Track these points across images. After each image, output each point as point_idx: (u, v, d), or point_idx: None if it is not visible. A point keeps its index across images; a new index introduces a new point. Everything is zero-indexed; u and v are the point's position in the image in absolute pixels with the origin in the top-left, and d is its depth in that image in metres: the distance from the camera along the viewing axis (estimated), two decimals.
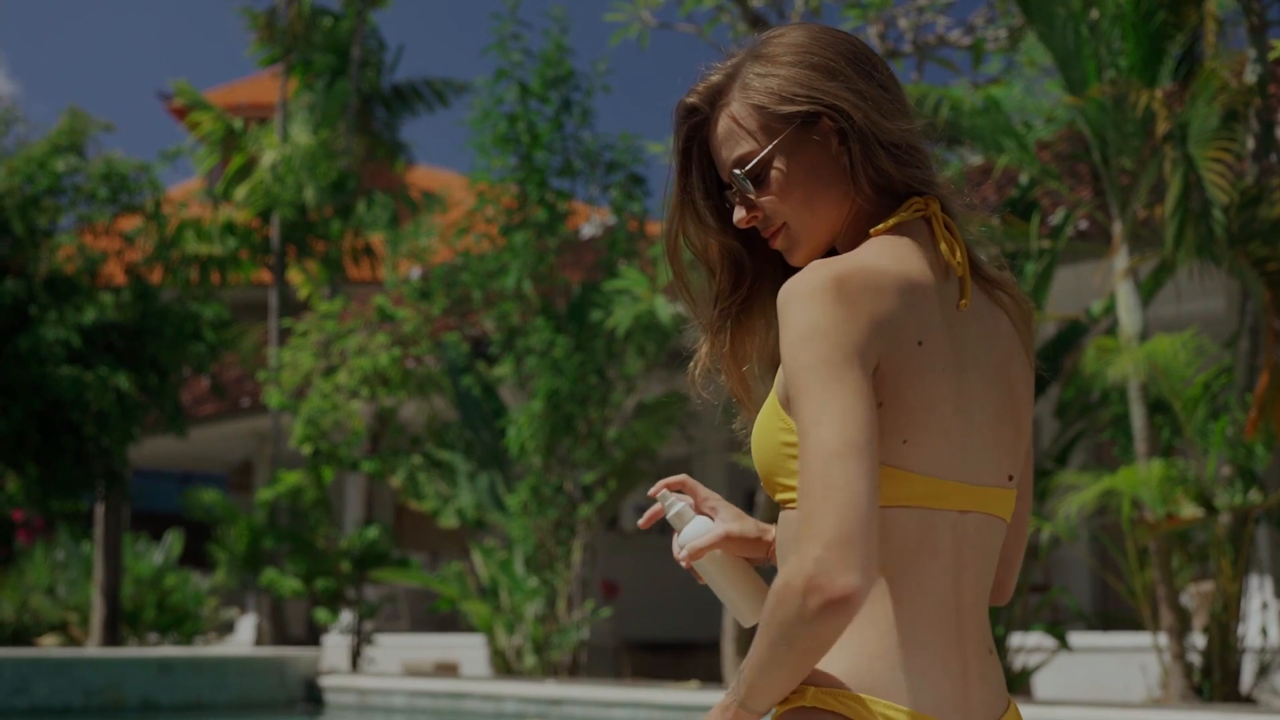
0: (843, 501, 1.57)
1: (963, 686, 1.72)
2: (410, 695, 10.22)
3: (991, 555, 1.79)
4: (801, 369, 1.64)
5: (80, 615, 15.09)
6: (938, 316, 1.73)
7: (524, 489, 11.91)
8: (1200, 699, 7.95)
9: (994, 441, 1.77)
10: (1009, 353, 1.81)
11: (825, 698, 1.67)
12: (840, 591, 1.54)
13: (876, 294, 1.68)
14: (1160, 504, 7.85)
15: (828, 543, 1.56)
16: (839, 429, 1.61)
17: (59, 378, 12.73)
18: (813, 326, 1.64)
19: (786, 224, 1.83)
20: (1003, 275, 1.85)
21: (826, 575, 1.55)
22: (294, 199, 15.03)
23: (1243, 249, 7.59)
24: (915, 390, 1.69)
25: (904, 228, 1.78)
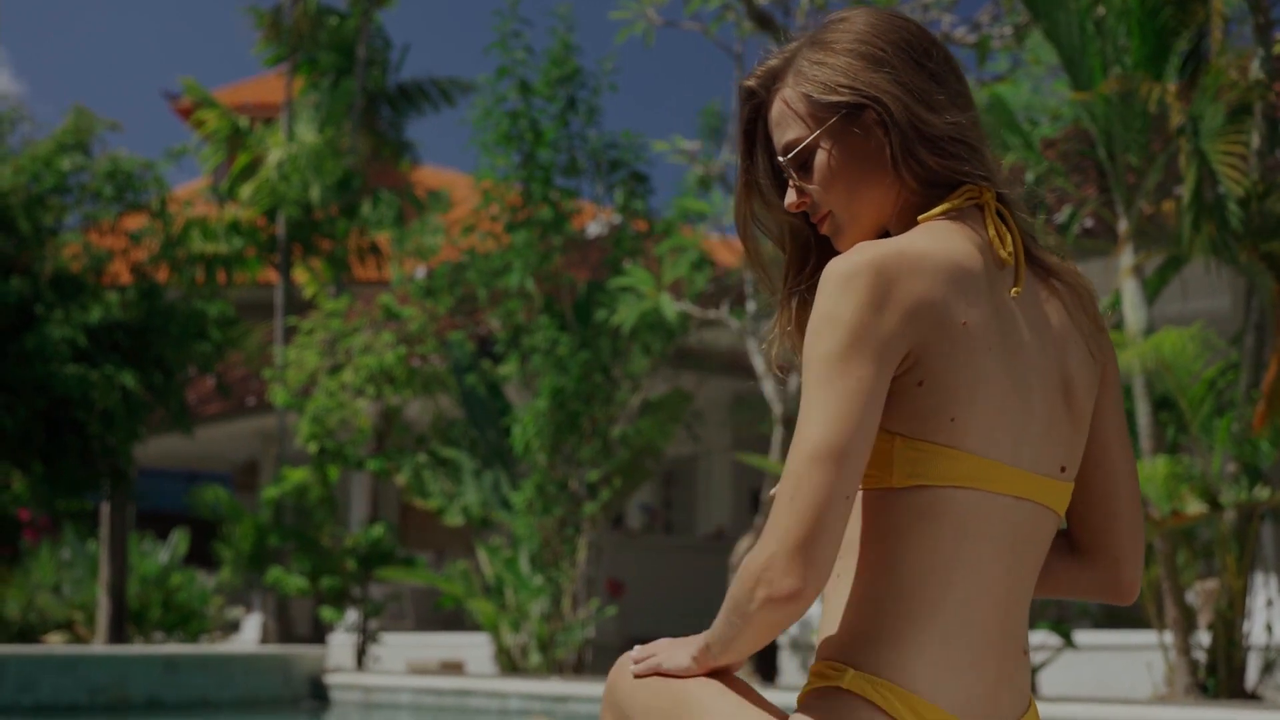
0: (806, 507, 1.62)
1: (994, 690, 1.72)
2: (415, 693, 10.23)
3: (1042, 549, 1.78)
4: (810, 358, 1.67)
5: (86, 614, 15.10)
6: (985, 300, 1.73)
7: (529, 487, 11.91)
8: (1205, 696, 7.94)
9: (1046, 431, 1.77)
10: (1065, 342, 1.81)
11: (863, 684, 1.67)
12: (781, 592, 1.62)
13: (915, 276, 1.68)
14: (1165, 501, 7.84)
15: (783, 543, 1.62)
16: (825, 431, 1.63)
17: (64, 376, 12.73)
18: (831, 315, 1.66)
19: (831, 211, 1.85)
20: (1062, 264, 1.85)
21: (773, 574, 1.63)
22: (299, 197, 15.04)
23: (1252, 243, 7.58)
24: (960, 370, 1.69)
25: (955, 214, 1.79)
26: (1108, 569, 1.91)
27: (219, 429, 19.25)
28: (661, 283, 11.00)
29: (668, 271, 11.05)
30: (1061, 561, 1.90)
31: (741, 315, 11.38)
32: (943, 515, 1.69)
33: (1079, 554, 1.92)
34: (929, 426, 1.69)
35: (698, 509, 17.47)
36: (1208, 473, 8.02)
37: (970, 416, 1.69)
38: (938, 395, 1.69)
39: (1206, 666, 8.08)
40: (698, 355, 13.14)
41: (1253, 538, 8.10)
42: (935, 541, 1.69)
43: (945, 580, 1.69)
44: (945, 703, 1.68)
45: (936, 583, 1.69)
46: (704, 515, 17.29)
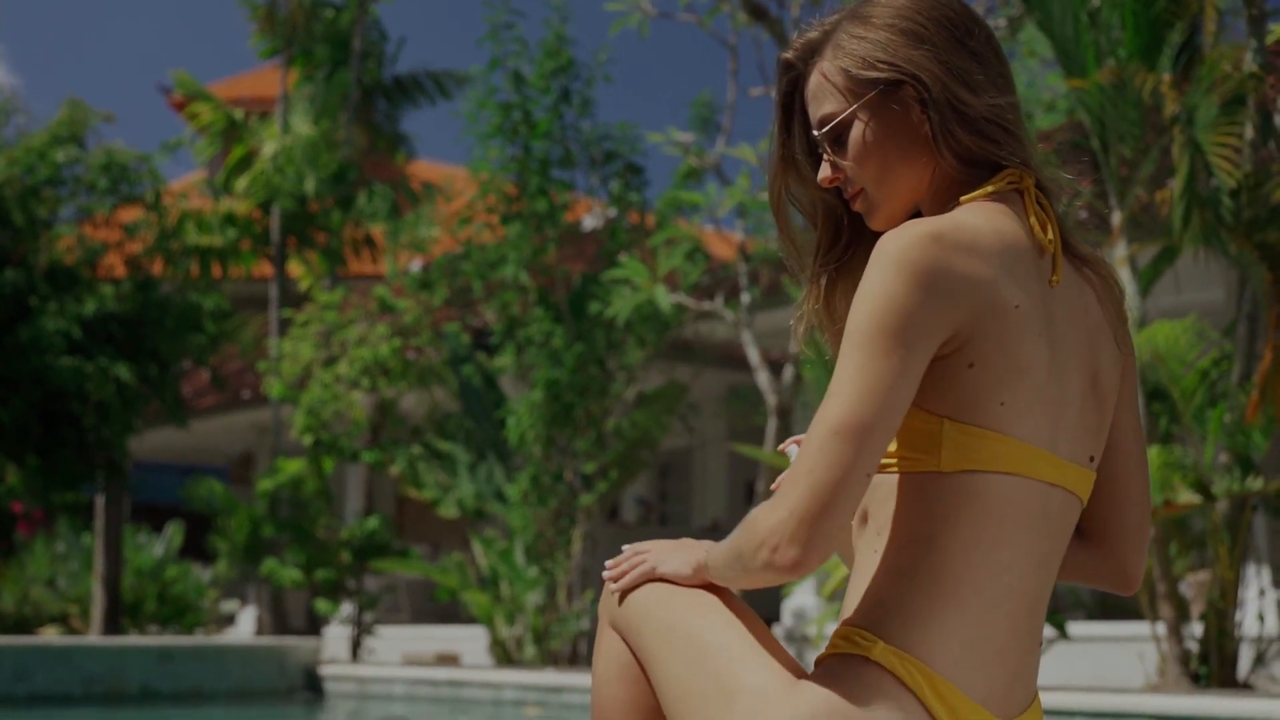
0: (821, 480, 1.61)
1: (1011, 682, 1.72)
2: (410, 684, 10.23)
3: (1069, 537, 1.79)
4: (851, 329, 1.66)
5: (81, 607, 15.10)
6: (1035, 284, 1.72)
7: (524, 479, 11.92)
8: (1197, 686, 7.95)
9: (1079, 419, 1.77)
10: (1097, 333, 1.81)
11: (892, 658, 1.67)
12: (782, 560, 1.63)
13: (970, 255, 1.67)
14: (1158, 491, 7.85)
15: (792, 512, 1.62)
16: (852, 406, 1.62)
17: (59, 369, 12.73)
18: (878, 291, 1.65)
19: (865, 188, 1.84)
20: (1095, 255, 1.84)
21: (777, 540, 1.63)
22: (294, 190, 15.03)
23: (1245, 233, 7.59)
24: (1009, 353, 1.68)
25: (998, 197, 1.78)
26: (1113, 559, 1.91)
27: (214, 422, 19.24)
28: (656, 275, 11.00)
29: (662, 263, 11.05)
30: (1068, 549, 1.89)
31: (736, 307, 11.39)
32: (988, 501, 1.68)
33: (1085, 542, 1.92)
34: (979, 410, 1.68)
35: (693, 501, 17.48)
36: (1200, 463, 8.03)
37: (1016, 402, 1.69)
38: (988, 378, 1.68)
39: (1199, 656, 8.10)
40: (693, 347, 13.14)
41: (1245, 528, 8.11)
42: (979, 527, 1.68)
43: (985, 566, 1.68)
44: (969, 690, 1.67)
45: (977, 568, 1.68)
46: (699, 507, 17.30)
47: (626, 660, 1.91)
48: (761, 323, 12.00)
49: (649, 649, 1.85)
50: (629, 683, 1.91)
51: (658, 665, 1.83)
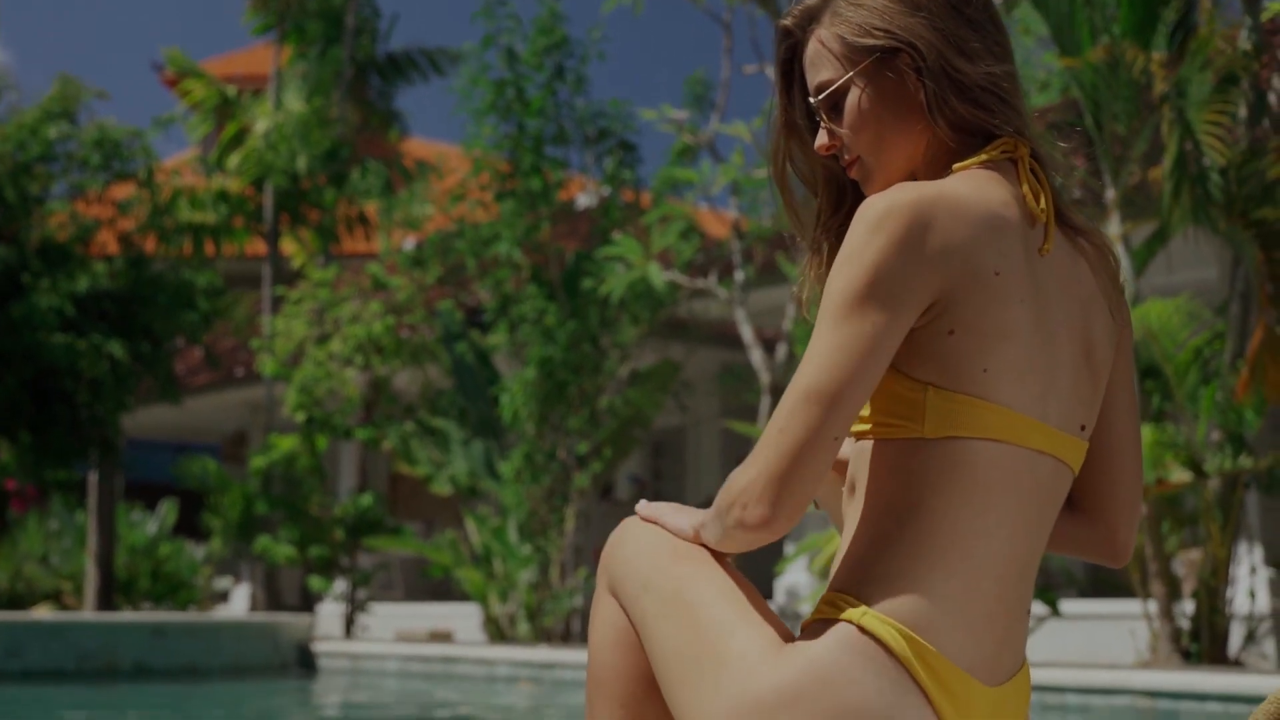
0: (790, 441, 1.64)
1: (999, 648, 1.72)
2: (402, 660, 10.25)
3: (1058, 507, 1.78)
4: (828, 292, 1.67)
5: (74, 584, 15.10)
6: (1019, 252, 1.72)
7: (517, 456, 11.93)
8: (1188, 662, 7.98)
9: (1071, 388, 1.76)
10: (1090, 302, 1.80)
11: (876, 623, 1.67)
12: (751, 518, 1.67)
13: (952, 221, 1.67)
14: (1150, 469, 7.87)
15: (760, 471, 1.66)
16: (826, 370, 1.63)
17: (52, 346, 12.71)
18: (856, 254, 1.66)
19: (860, 156, 1.84)
20: (1090, 225, 1.84)
21: (746, 498, 1.67)
22: (287, 167, 15.00)
23: (1237, 211, 7.59)
24: (991, 320, 1.68)
25: (990, 165, 1.77)
26: (1104, 530, 1.91)
27: (207, 400, 19.22)
28: (650, 252, 10.99)
29: (656, 241, 11.05)
30: (1059, 519, 1.89)
31: (730, 285, 11.38)
32: (973, 467, 1.69)
33: (1076, 513, 1.92)
34: (962, 377, 1.68)
35: (686, 479, 17.50)
36: (1192, 441, 8.05)
37: (1001, 368, 1.69)
38: (970, 344, 1.68)
39: (1190, 634, 8.13)
40: (686, 325, 13.14)
41: (1236, 506, 8.13)
42: (965, 494, 1.68)
43: (971, 532, 1.68)
44: (955, 656, 1.68)
45: (963, 534, 1.68)
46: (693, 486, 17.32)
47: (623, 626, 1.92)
48: (755, 301, 12.00)
49: (644, 616, 1.86)
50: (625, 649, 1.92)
51: (651, 629, 1.84)
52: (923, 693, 1.67)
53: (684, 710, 1.77)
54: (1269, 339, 7.41)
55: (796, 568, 11.71)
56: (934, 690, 1.67)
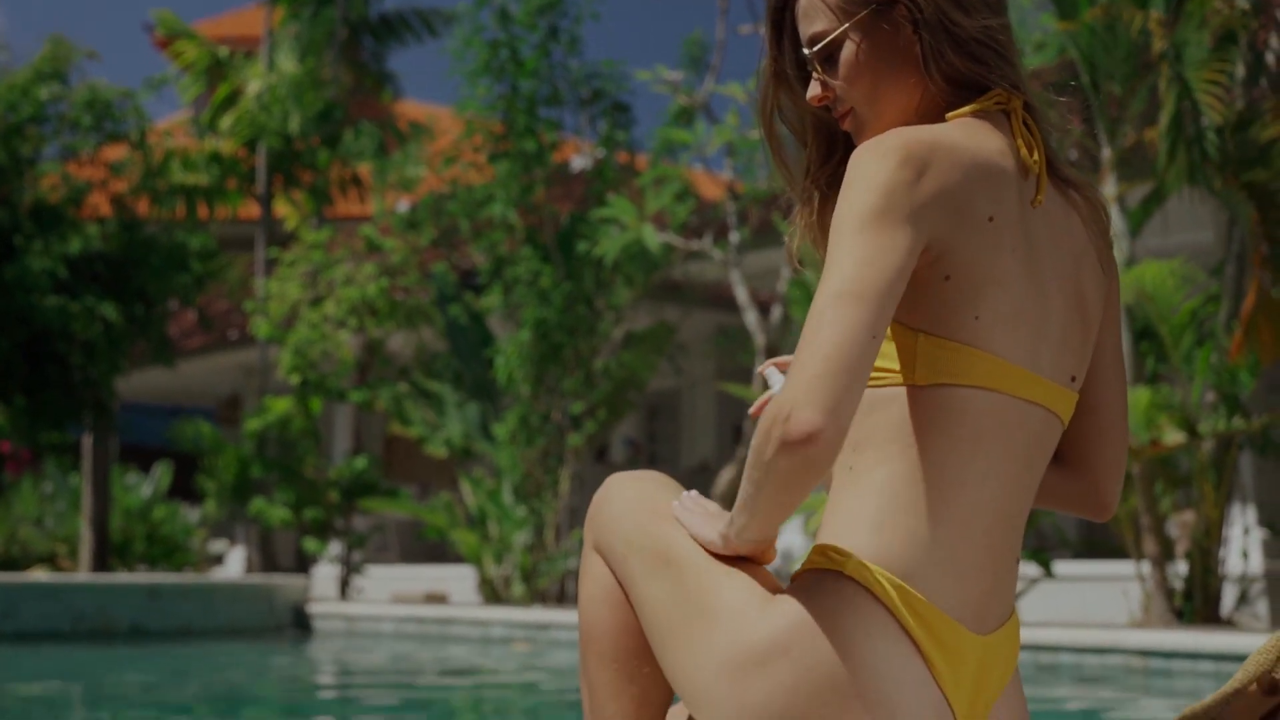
0: (828, 342, 1.56)
1: (988, 597, 1.72)
2: (398, 622, 10.27)
3: (1048, 458, 1.78)
4: (841, 216, 1.64)
5: (69, 547, 15.13)
6: (1013, 201, 1.71)
7: (512, 418, 11.93)
8: (1181, 622, 8.01)
9: (1062, 339, 1.76)
10: (1081, 254, 1.80)
11: (865, 572, 1.67)
12: (798, 428, 1.53)
13: (948, 164, 1.66)
14: (1145, 430, 7.88)
15: (803, 378, 1.55)
16: (850, 275, 1.60)
17: (45, 308, 12.68)
18: (866, 178, 1.64)
19: (854, 108, 1.83)
20: (1082, 178, 1.83)
21: (789, 407, 1.54)
22: (280, 129, 14.93)
23: (1233, 172, 7.57)
24: (984, 266, 1.68)
25: (983, 115, 1.77)
26: (1089, 484, 1.91)
27: (201, 363, 19.21)
28: (644, 214, 10.96)
29: (650, 202, 11.01)
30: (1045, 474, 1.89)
31: (725, 247, 11.36)
32: (963, 416, 1.68)
33: (1062, 466, 1.92)
34: (953, 324, 1.68)
35: (681, 442, 17.52)
36: (1187, 402, 8.05)
37: (993, 317, 1.68)
38: (963, 291, 1.67)
39: (1183, 594, 8.15)
40: (681, 288, 13.12)
41: (1230, 467, 8.14)
42: (954, 442, 1.68)
43: (960, 481, 1.68)
44: (942, 604, 1.67)
45: (952, 483, 1.68)
46: (687, 448, 17.34)
47: (610, 584, 1.92)
48: (750, 263, 11.98)
49: (631, 573, 1.86)
50: (613, 606, 1.92)
51: (639, 588, 1.84)
52: (912, 641, 1.67)
53: (675, 665, 1.77)
54: (1263, 300, 7.41)
55: (791, 529, 11.73)
56: (923, 638, 1.67)
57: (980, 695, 1.72)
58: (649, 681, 1.91)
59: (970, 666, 1.70)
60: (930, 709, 1.66)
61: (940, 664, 1.67)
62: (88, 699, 5.78)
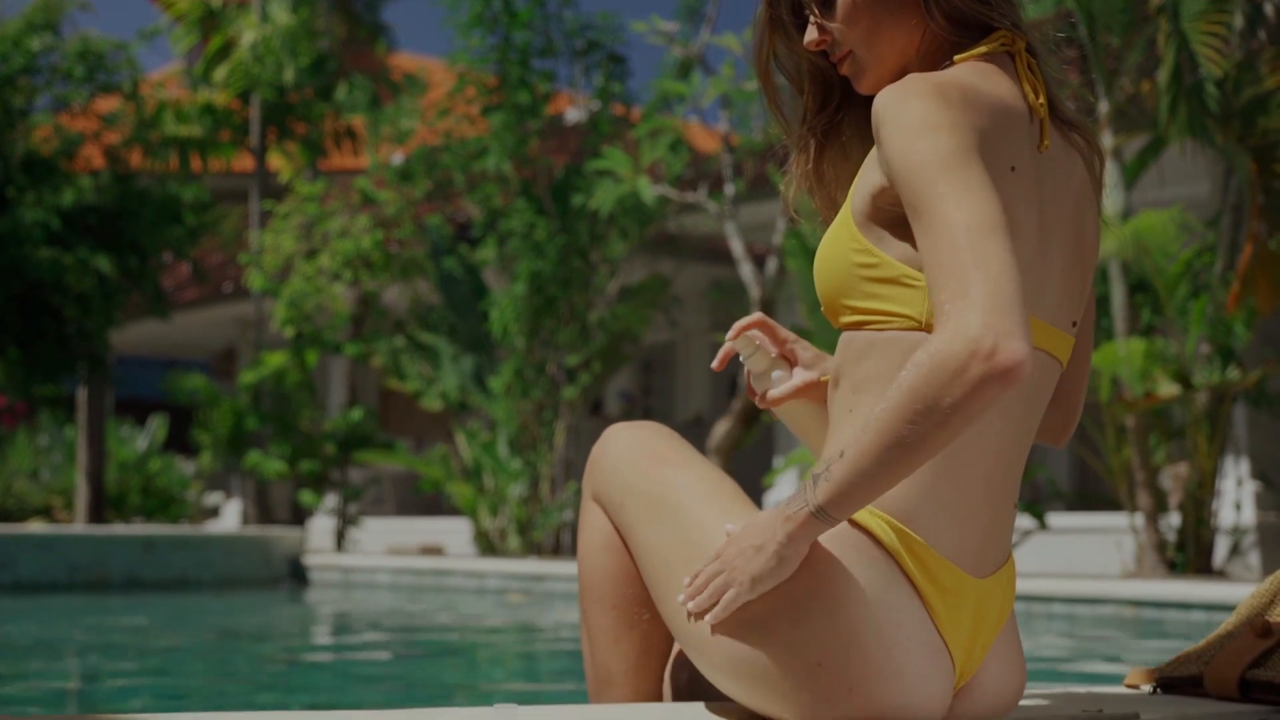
0: (999, 270, 1.51)
1: (985, 540, 1.73)
2: (394, 573, 10.31)
3: (1046, 400, 1.78)
4: (923, 162, 1.59)
5: (65, 499, 15.15)
6: (1027, 148, 1.70)
7: (507, 371, 11.93)
8: (1173, 573, 8.05)
9: (1063, 285, 1.76)
10: (1082, 198, 1.79)
11: (867, 516, 1.67)
12: (1009, 358, 1.46)
13: (977, 108, 1.64)
14: (1139, 382, 7.89)
15: (991, 308, 1.48)
16: (978, 208, 1.55)
17: (38, 260, 12.65)
18: (927, 121, 1.60)
19: (852, 51, 1.81)
20: (1080, 119, 1.82)
21: (994, 340, 1.47)
22: (274, 80, 14.85)
23: (1231, 124, 7.55)
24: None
25: (989, 58, 1.75)
26: (1061, 415, 1.91)
27: (196, 316, 19.19)
28: (639, 165, 10.92)
29: (645, 154, 10.98)
30: None
31: (720, 199, 11.33)
32: None
33: None
34: None
35: (676, 395, 17.54)
36: (1182, 354, 8.06)
37: None
38: None
39: (1175, 545, 8.19)
40: (676, 241, 13.09)
41: (1224, 419, 8.16)
42: None
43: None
44: (941, 546, 1.68)
45: None
46: (682, 401, 17.35)
47: (609, 533, 1.93)
48: (745, 215, 11.95)
49: (630, 519, 1.86)
50: (612, 553, 1.93)
51: (638, 533, 1.85)
52: (911, 583, 1.67)
53: (674, 608, 1.78)
54: (1260, 252, 7.41)
55: (786, 481, 11.76)
56: (921, 581, 1.67)
57: (977, 637, 1.73)
58: (649, 628, 1.92)
59: (968, 609, 1.71)
60: (927, 650, 1.68)
61: (938, 606, 1.68)
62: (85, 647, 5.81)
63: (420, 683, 4.62)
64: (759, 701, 1.70)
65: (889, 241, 1.69)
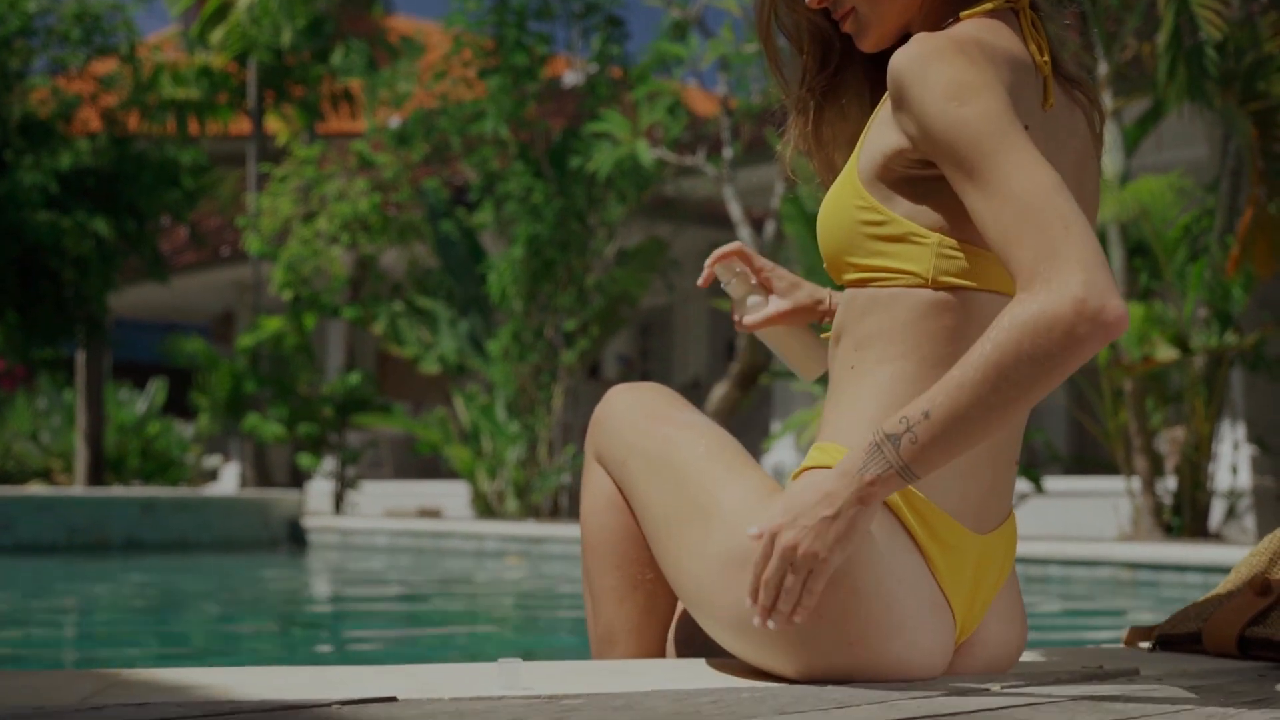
0: (1085, 230, 1.52)
1: (986, 497, 1.73)
2: (393, 535, 10.34)
3: None
4: (973, 127, 1.58)
5: (64, 462, 15.17)
6: (1037, 107, 1.70)
7: (505, 334, 11.94)
8: (1169, 536, 8.08)
9: None
10: (1084, 156, 1.79)
11: None
12: (1114, 313, 1.48)
13: (998, 65, 1.64)
14: (1137, 345, 7.91)
15: (1090, 266, 1.49)
16: (1040, 168, 1.55)
17: (36, 223, 12.62)
18: (963, 83, 1.59)
19: (855, 8, 1.80)
20: (1082, 76, 1.81)
21: (1100, 298, 1.48)
22: (270, 42, 14.79)
23: (1231, 88, 7.54)
24: None
25: (995, 15, 1.74)
26: None
27: (194, 279, 19.18)
28: (637, 128, 10.90)
29: (644, 116, 10.95)
30: None
31: (718, 162, 11.31)
32: (973, 318, 1.68)
33: None
34: (969, 227, 1.67)
35: (674, 359, 17.55)
36: (1179, 318, 8.07)
37: None
38: None
39: (1171, 509, 8.22)
40: (674, 204, 13.07)
41: (1221, 383, 8.18)
42: (961, 343, 1.67)
43: None
44: (942, 502, 1.69)
45: None
46: (680, 365, 17.37)
47: (612, 493, 1.94)
48: (743, 178, 11.93)
49: (632, 477, 1.87)
50: (615, 511, 1.94)
51: (640, 491, 1.86)
52: (911, 538, 1.68)
53: (676, 565, 1.79)
54: (1260, 215, 7.41)
55: (783, 445, 11.79)
56: (923, 536, 1.68)
57: (978, 593, 1.74)
58: (653, 587, 1.93)
59: (969, 565, 1.72)
60: (929, 606, 1.69)
61: (939, 562, 1.69)
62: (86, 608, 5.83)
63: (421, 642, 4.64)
64: (760, 656, 1.72)
65: (896, 200, 1.70)
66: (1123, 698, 1.60)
